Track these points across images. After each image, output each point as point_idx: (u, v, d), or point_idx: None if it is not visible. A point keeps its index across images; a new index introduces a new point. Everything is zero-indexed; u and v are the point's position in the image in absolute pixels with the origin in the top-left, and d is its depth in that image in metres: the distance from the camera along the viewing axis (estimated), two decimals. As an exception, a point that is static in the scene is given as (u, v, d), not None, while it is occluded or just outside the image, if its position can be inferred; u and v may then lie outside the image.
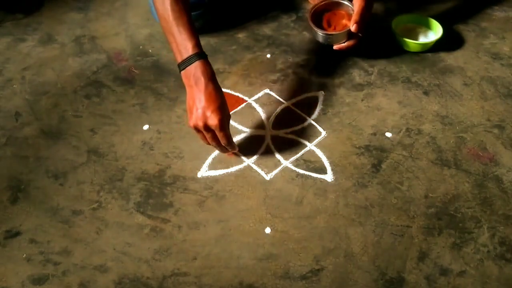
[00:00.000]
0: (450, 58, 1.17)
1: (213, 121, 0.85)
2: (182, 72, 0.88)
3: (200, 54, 0.87)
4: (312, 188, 0.92)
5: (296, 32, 1.25)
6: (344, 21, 1.10)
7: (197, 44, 0.88)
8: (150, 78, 1.14)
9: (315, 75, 1.13)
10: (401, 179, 0.93)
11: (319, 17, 1.11)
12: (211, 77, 0.87)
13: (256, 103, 1.08)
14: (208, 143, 0.92)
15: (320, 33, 1.07)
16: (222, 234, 0.86)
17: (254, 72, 1.14)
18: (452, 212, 0.88)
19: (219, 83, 0.89)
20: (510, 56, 1.17)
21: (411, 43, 1.16)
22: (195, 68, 0.86)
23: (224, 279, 0.80)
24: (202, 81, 0.86)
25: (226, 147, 0.92)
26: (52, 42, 1.24)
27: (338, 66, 1.15)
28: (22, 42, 1.24)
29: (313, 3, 1.32)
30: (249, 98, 1.09)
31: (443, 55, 1.17)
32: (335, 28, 1.10)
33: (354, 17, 1.03)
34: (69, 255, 0.84)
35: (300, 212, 0.89)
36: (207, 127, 0.87)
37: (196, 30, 0.90)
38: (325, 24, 1.10)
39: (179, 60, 0.89)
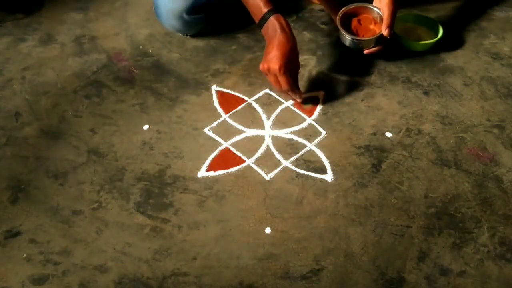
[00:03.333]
0: (450, 58, 1.17)
1: (274, 64, 0.94)
2: (262, 30, 0.98)
3: (271, 11, 0.95)
4: (312, 188, 0.92)
5: (296, 32, 1.24)
6: (372, 26, 1.08)
7: (268, 1, 0.96)
8: (150, 78, 1.14)
9: (315, 75, 1.13)
10: (401, 179, 0.93)
11: (347, 22, 1.09)
12: (284, 28, 0.95)
13: (256, 103, 1.08)
14: (278, 89, 1.02)
15: (352, 39, 1.06)
16: (222, 234, 0.86)
17: (254, 72, 1.14)
18: (452, 212, 0.88)
19: (219, 83, 0.89)
20: (510, 56, 1.17)
21: (411, 43, 1.16)
22: (272, 23, 0.95)
23: (224, 279, 0.80)
24: (276, 31, 0.95)
25: (288, 93, 1.01)
26: (52, 42, 1.24)
27: (338, 66, 1.15)
28: (22, 42, 1.24)
29: (315, 2, 1.32)
30: (249, 98, 1.09)
31: (443, 55, 1.17)
32: (362, 34, 1.08)
33: (386, 21, 1.03)
34: (69, 255, 0.84)
35: (300, 212, 0.89)
36: (269, 70, 0.96)
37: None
38: (353, 29, 1.08)
39: (257, 20, 0.98)
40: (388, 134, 1.01)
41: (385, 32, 1.03)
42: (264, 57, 0.97)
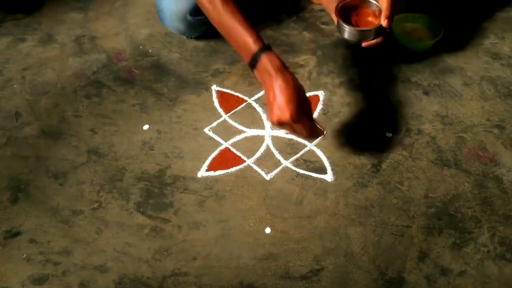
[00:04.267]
0: (450, 58, 1.17)
1: (284, 116, 0.82)
2: (255, 71, 0.86)
3: (263, 48, 0.84)
4: (312, 188, 0.92)
5: (296, 32, 1.25)
6: (370, 19, 1.07)
7: (258, 38, 0.85)
8: (150, 78, 1.14)
9: (315, 75, 1.13)
10: (401, 179, 0.93)
11: (345, 14, 1.06)
12: (279, 69, 0.83)
13: (256, 103, 1.08)
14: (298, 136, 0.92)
15: (351, 30, 1.03)
16: (222, 234, 0.86)
17: (254, 72, 1.14)
18: (452, 212, 0.88)
19: (219, 83, 0.89)
20: (510, 56, 1.17)
21: (411, 43, 1.16)
22: (263, 64, 0.84)
23: (224, 279, 0.80)
24: (271, 75, 0.83)
25: (309, 136, 0.90)
26: (52, 42, 1.24)
27: (338, 66, 1.15)
28: (22, 42, 1.24)
29: (315, 2, 1.31)
30: (249, 98, 1.09)
31: (443, 55, 1.17)
32: (361, 26, 1.05)
33: (385, 12, 0.98)
34: (69, 255, 0.84)
35: (300, 212, 0.89)
36: (281, 123, 0.84)
37: (251, 25, 0.86)
38: (351, 22, 1.07)
39: (247, 60, 0.86)
40: (388, 134, 1.01)
41: (384, 23, 0.99)
42: (269, 109, 0.85)
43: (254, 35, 0.85)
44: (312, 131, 0.88)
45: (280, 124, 0.85)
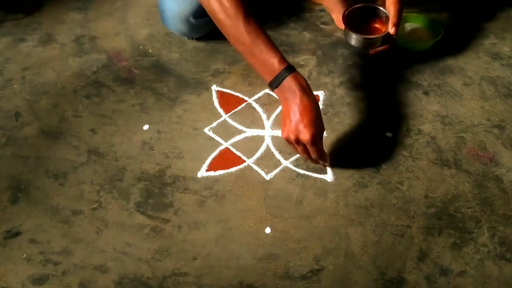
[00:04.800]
0: (450, 58, 1.17)
1: (305, 136, 0.83)
2: (276, 90, 0.86)
3: (288, 68, 0.85)
4: (312, 188, 0.92)
5: (296, 32, 1.25)
6: (377, 25, 1.08)
7: (282, 58, 0.85)
8: (150, 78, 1.14)
9: (315, 75, 1.13)
10: (401, 179, 0.93)
11: (352, 21, 1.07)
12: (305, 89, 0.85)
13: (256, 103, 1.08)
14: (304, 157, 0.91)
15: (358, 38, 1.04)
16: (222, 234, 0.86)
17: (254, 72, 1.13)
18: (452, 212, 0.88)
19: (219, 83, 0.89)
20: (510, 56, 1.17)
21: (411, 43, 1.16)
22: (288, 83, 0.84)
23: (224, 279, 0.80)
24: (296, 94, 0.84)
25: (318, 160, 0.90)
26: (52, 42, 1.24)
27: (338, 66, 1.15)
28: (22, 42, 1.24)
29: (316, 2, 1.31)
30: (249, 98, 1.09)
31: (443, 55, 1.17)
32: (368, 33, 1.07)
33: (393, 19, 1.00)
34: (69, 255, 0.84)
35: (300, 212, 0.89)
36: (298, 141, 0.85)
37: (275, 45, 0.86)
38: (359, 29, 1.06)
39: (269, 79, 0.86)
40: (388, 134, 1.01)
41: (392, 30, 1.01)
42: (285, 123, 0.86)
43: (279, 55, 0.85)
44: (321, 156, 0.88)
45: (296, 142, 0.85)
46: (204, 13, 1.00)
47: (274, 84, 0.86)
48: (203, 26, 1.16)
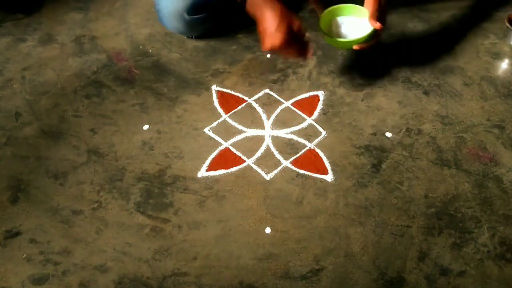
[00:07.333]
0: (450, 58, 1.16)
1: (276, 42, 0.91)
2: (247, 7, 0.94)
3: None
4: (312, 188, 0.92)
5: (296, 32, 1.25)
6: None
7: None
8: (150, 78, 1.14)
9: (315, 75, 1.13)
10: (401, 179, 0.93)
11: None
12: (265, 1, 0.91)
13: (256, 103, 1.08)
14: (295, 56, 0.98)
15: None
16: (222, 234, 0.86)
17: (254, 72, 1.14)
18: (452, 212, 0.88)
19: (219, 83, 0.89)
20: (510, 56, 1.17)
21: (333, 41, 1.00)
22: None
23: (224, 279, 0.81)
24: (260, 6, 0.92)
25: (299, 56, 0.98)
26: (52, 42, 1.24)
27: (338, 66, 1.15)
28: (22, 42, 1.24)
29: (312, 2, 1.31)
30: (249, 98, 1.09)
31: (443, 55, 1.17)
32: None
33: (374, 14, 0.96)
34: (69, 255, 0.84)
35: (300, 212, 0.89)
36: (275, 48, 0.93)
37: None
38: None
39: None
40: (388, 134, 1.01)
41: (376, 25, 0.96)
42: (262, 38, 0.94)
43: None
44: (301, 52, 0.96)
45: (273, 49, 0.94)
46: (198, 9, 0.99)
47: (243, 2, 0.93)
48: (198, 24, 1.16)
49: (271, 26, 0.91)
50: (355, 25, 1.01)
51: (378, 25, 0.97)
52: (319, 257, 0.83)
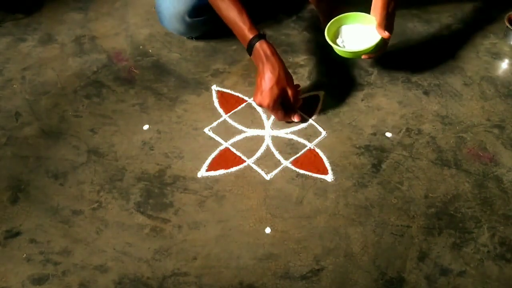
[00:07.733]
0: (450, 58, 1.17)
1: (264, 102, 0.94)
2: (252, 58, 0.97)
3: (256, 37, 0.95)
4: (312, 188, 0.92)
5: (296, 32, 1.25)
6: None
7: (251, 28, 0.95)
8: (150, 78, 1.14)
9: (315, 75, 1.13)
10: (401, 179, 0.93)
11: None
12: (268, 57, 0.94)
13: (256, 103, 1.08)
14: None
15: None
16: (222, 234, 0.86)
17: (254, 72, 1.14)
18: (452, 212, 0.88)
19: (219, 83, 0.89)
20: (510, 56, 1.17)
21: (340, 51, 1.01)
22: (257, 51, 0.95)
23: (224, 279, 0.80)
24: (262, 63, 0.94)
25: (282, 120, 1.01)
26: (52, 42, 1.24)
27: (338, 66, 1.15)
28: (22, 42, 1.24)
29: (312, 2, 1.31)
30: (249, 98, 1.09)
31: (443, 55, 1.17)
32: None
33: (382, 23, 0.96)
34: (69, 255, 0.84)
35: (300, 212, 0.89)
36: (262, 106, 0.96)
37: (248, 13, 0.96)
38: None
39: (246, 48, 0.97)
40: (388, 134, 1.01)
41: (385, 34, 0.97)
42: (255, 90, 0.96)
43: (248, 24, 0.95)
44: (285, 118, 1.00)
45: (261, 106, 0.97)
46: (199, 12, 1.00)
47: (249, 52, 0.97)
48: (199, 26, 1.17)
49: (265, 86, 0.93)
50: (362, 33, 1.01)
51: (386, 34, 0.98)
52: (319, 257, 0.83)
